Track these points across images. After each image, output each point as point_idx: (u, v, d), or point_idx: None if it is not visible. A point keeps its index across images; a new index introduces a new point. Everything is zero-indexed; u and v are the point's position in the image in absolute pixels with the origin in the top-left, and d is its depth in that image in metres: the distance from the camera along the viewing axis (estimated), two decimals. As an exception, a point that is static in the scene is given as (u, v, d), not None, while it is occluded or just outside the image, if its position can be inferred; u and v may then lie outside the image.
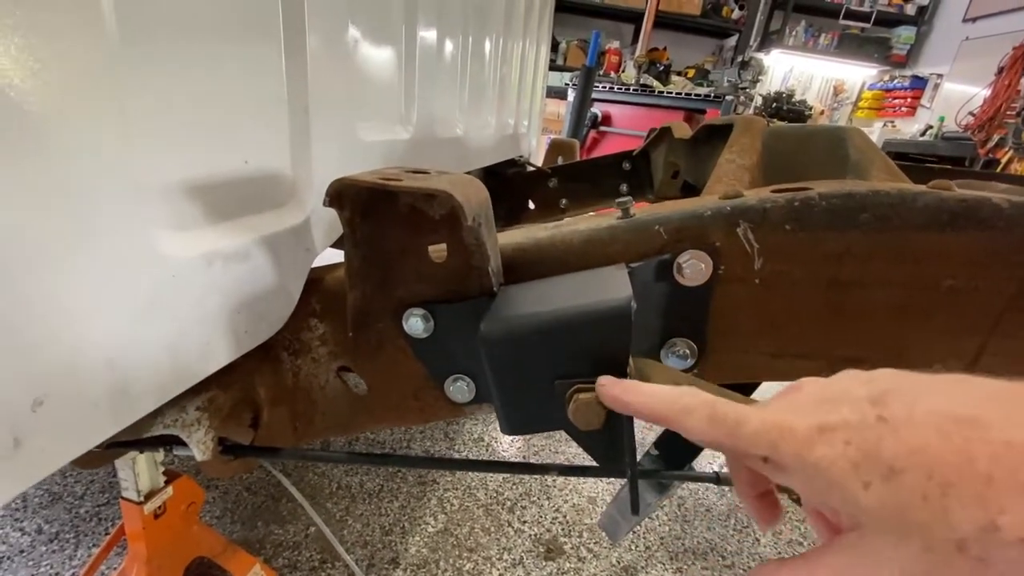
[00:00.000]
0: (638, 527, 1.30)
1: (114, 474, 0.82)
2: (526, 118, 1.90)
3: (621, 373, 0.38)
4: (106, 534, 1.11)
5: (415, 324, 0.51)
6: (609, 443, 0.39)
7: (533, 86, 1.97)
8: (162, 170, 0.36)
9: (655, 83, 4.04)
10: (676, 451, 0.67)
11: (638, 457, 0.40)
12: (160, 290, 0.36)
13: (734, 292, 0.50)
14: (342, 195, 0.41)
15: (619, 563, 1.19)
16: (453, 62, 0.95)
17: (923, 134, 4.77)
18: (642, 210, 0.53)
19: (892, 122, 5.66)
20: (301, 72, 0.49)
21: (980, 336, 0.49)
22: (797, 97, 5.69)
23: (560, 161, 1.98)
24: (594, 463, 0.42)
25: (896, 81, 5.56)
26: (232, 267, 0.43)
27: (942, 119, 4.62)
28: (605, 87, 4.00)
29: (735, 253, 0.49)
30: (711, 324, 0.52)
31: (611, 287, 0.41)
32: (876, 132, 5.31)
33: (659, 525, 1.32)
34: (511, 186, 1.78)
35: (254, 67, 0.44)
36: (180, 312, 0.38)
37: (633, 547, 1.25)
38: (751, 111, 3.75)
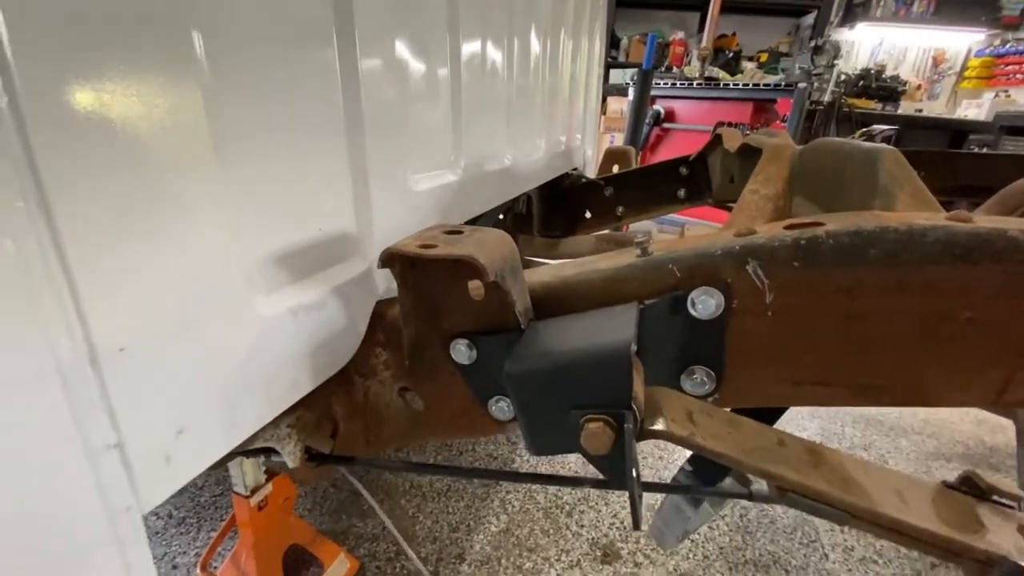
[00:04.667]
0: (697, 535, 1.32)
1: (226, 470, 0.99)
2: (579, 130, 1.94)
3: (625, 404, 0.44)
4: (221, 520, 1.31)
5: (460, 352, 0.59)
6: (616, 465, 0.45)
7: (586, 96, 2.00)
8: (258, 250, 0.46)
9: (721, 74, 3.89)
10: (709, 468, 0.71)
11: (674, 472, 0.45)
12: (259, 342, 0.47)
13: (748, 324, 0.54)
14: (391, 258, 0.50)
15: (676, 570, 1.22)
16: (499, 98, 1.03)
17: (1043, 104, 4.20)
18: (660, 245, 0.58)
19: (1006, 91, 5.03)
20: (360, 148, 0.59)
21: (1005, 368, 0.49)
22: (889, 72, 5.21)
23: (616, 169, 2.00)
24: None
25: (1009, 45, 4.93)
26: (311, 315, 0.53)
27: (1067, 86, 4.04)
28: (668, 83, 3.92)
29: (746, 289, 0.52)
30: (727, 353, 0.55)
31: (617, 329, 0.47)
32: (986, 104, 4.75)
33: (719, 535, 1.33)
34: (567, 196, 1.83)
35: (324, 155, 0.54)
36: (273, 357, 0.49)
37: (691, 555, 1.26)
38: (828, 96, 3.51)
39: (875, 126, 1.48)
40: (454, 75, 0.82)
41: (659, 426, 0.47)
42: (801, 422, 1.85)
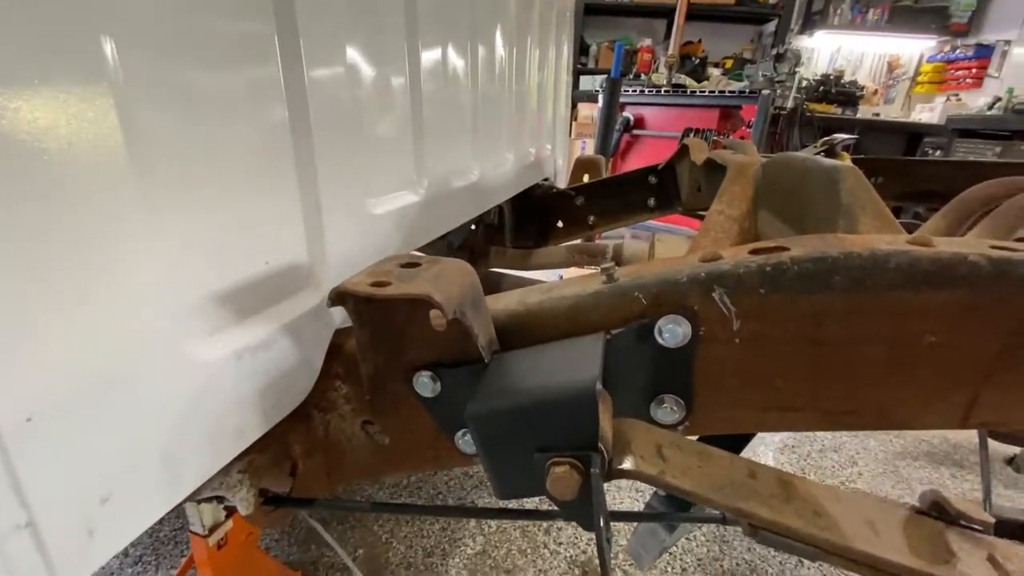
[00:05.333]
0: (675, 548, 1.31)
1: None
2: (549, 140, 1.93)
3: (592, 446, 0.42)
4: (181, 556, 1.24)
5: (424, 384, 0.57)
6: (585, 510, 0.43)
7: (555, 105, 1.99)
8: (193, 291, 0.43)
9: (688, 81, 3.96)
10: (682, 492, 0.69)
11: (648, 498, 0.43)
12: (199, 391, 0.43)
13: (716, 351, 0.52)
14: (342, 296, 0.47)
15: (654, 585, 1.21)
16: (463, 111, 1.01)
17: (991, 107, 4.40)
18: (625, 271, 0.57)
19: (956, 95, 5.26)
20: (310, 172, 0.55)
21: (969, 391, 0.49)
22: (847, 78, 5.40)
23: (586, 178, 2.00)
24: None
25: (959, 51, 5.16)
26: (259, 355, 0.50)
27: (1011, 91, 4.25)
28: (636, 90, 3.97)
29: (713, 316, 0.51)
30: (696, 381, 0.54)
31: (583, 366, 0.45)
32: (938, 108, 4.95)
33: (697, 546, 1.32)
34: (539, 207, 1.82)
35: (268, 181, 0.51)
36: (217, 404, 0.45)
37: (669, 568, 1.26)
38: (791, 102, 3.61)
39: (836, 135, 1.51)
40: (414, 89, 0.79)
41: (628, 465, 0.45)
42: (774, 426, 1.87)
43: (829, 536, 0.43)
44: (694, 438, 0.62)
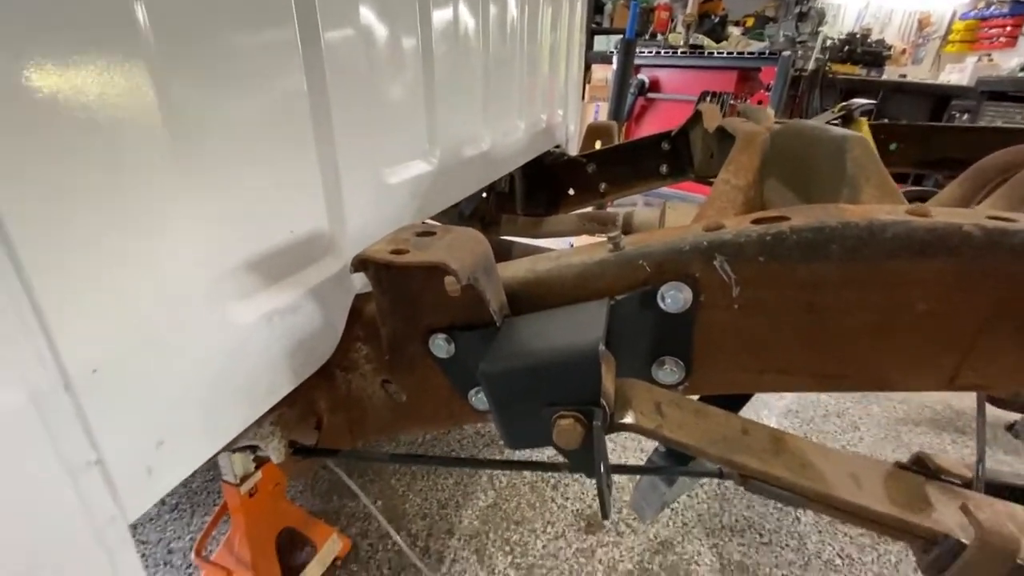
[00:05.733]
0: (677, 504, 1.37)
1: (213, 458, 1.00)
2: (561, 105, 1.91)
3: (594, 401, 0.46)
4: (214, 505, 1.33)
5: (439, 346, 0.60)
6: (587, 458, 0.47)
7: (568, 69, 1.95)
8: (228, 258, 0.46)
9: (706, 42, 3.83)
10: (682, 449, 0.73)
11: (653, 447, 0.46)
12: (235, 350, 0.47)
13: (715, 317, 0.55)
14: (363, 263, 0.50)
15: (656, 538, 1.28)
16: (475, 79, 1.01)
17: (1023, 69, 4.21)
18: (631, 239, 0.59)
19: (989, 55, 5.02)
20: (329, 143, 0.58)
21: (957, 355, 0.51)
22: (874, 37, 5.17)
23: (598, 145, 1.98)
24: None
25: (993, 7, 4.90)
26: (287, 318, 0.54)
27: (1048, 50, 4.04)
28: (652, 51, 3.85)
29: (713, 283, 0.54)
30: (696, 345, 0.57)
31: (587, 328, 0.48)
32: (969, 68, 4.74)
33: (698, 503, 1.39)
34: (550, 174, 1.82)
35: (291, 154, 0.53)
36: (251, 362, 0.49)
37: (671, 523, 1.32)
38: (812, 64, 3.48)
39: (854, 100, 1.48)
40: (426, 57, 0.80)
41: (628, 419, 0.49)
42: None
43: (814, 486, 0.47)
44: (694, 398, 0.66)
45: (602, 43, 5.11)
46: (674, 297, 0.54)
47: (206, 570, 1.07)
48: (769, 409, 1.81)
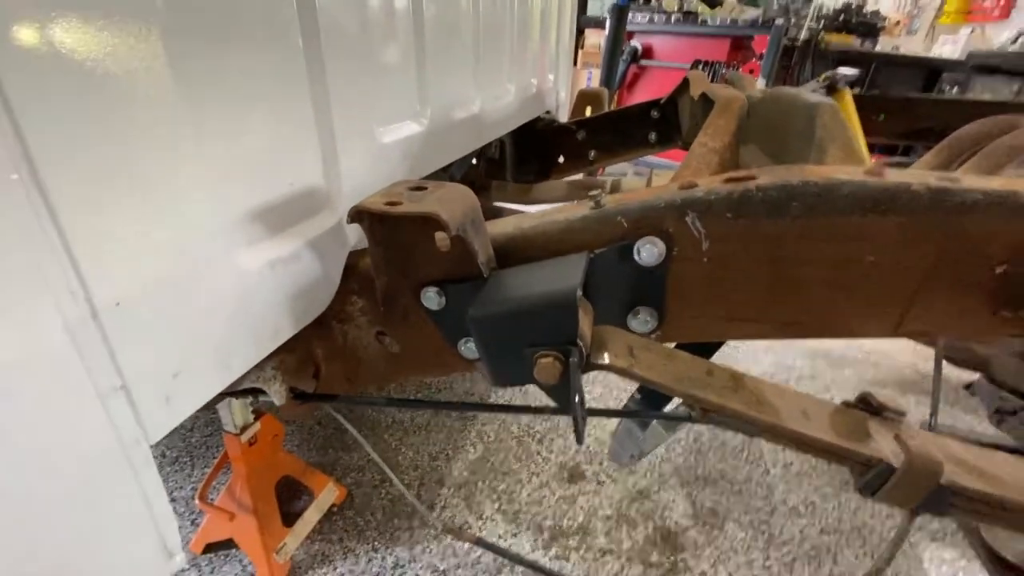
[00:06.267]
0: (654, 457, 1.46)
1: (213, 412, 1.05)
2: (552, 71, 1.91)
3: (572, 342, 0.51)
4: (212, 459, 1.39)
5: (430, 299, 0.64)
6: (564, 393, 0.52)
7: (559, 34, 1.94)
8: (235, 206, 0.50)
9: (701, 8, 3.78)
10: (655, 395, 0.79)
11: (625, 401, 0.51)
12: (242, 293, 0.51)
13: (686, 269, 0.60)
14: (360, 214, 0.54)
15: (634, 487, 1.36)
16: (465, 41, 1.02)
17: (1015, 41, 4.21)
18: (612, 198, 0.63)
19: (981, 27, 5.01)
20: (325, 104, 0.60)
21: (902, 304, 0.57)
22: (870, 7, 5.12)
23: (589, 112, 1.99)
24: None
25: (989, -22, 4.85)
26: (288, 266, 0.57)
27: (1038, 23, 4.04)
28: (645, 17, 3.80)
29: (685, 237, 0.58)
30: (668, 295, 0.62)
31: (566, 277, 0.52)
32: (962, 40, 4.74)
33: (675, 456, 1.47)
34: (540, 141, 1.83)
35: (290, 110, 0.56)
36: (256, 306, 0.53)
37: (649, 474, 1.41)
38: (804, 34, 3.46)
39: (838, 70, 1.50)
40: (416, 20, 0.81)
41: (603, 360, 0.54)
42: (757, 355, 1.99)
43: (766, 418, 0.53)
44: (670, 345, 0.71)
45: (596, 7, 5.01)
46: (648, 251, 0.59)
47: (210, 513, 1.14)
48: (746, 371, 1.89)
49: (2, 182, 0.32)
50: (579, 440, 0.50)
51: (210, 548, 1.18)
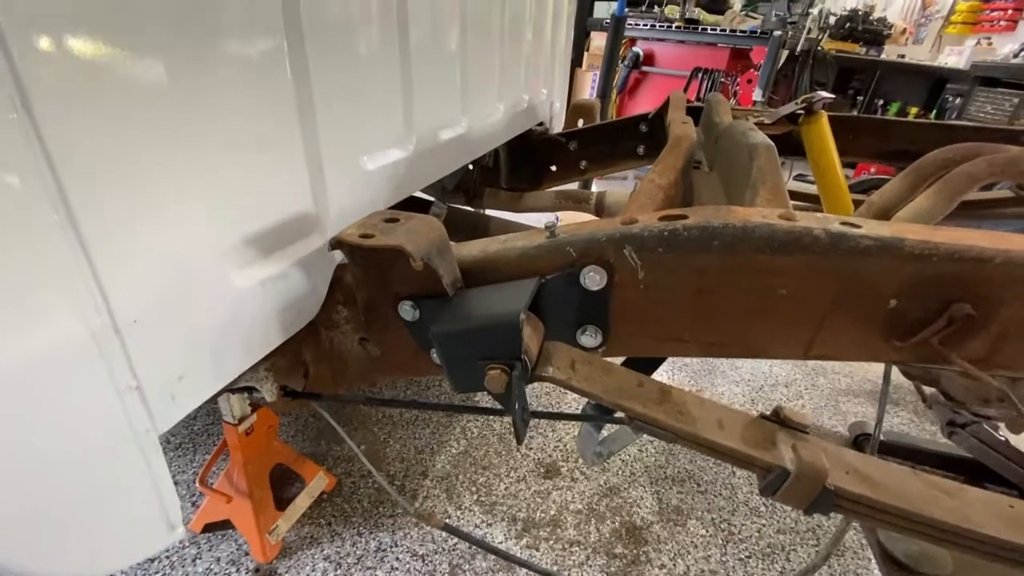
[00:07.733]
0: (627, 456, 1.54)
1: (214, 404, 1.14)
2: (546, 84, 1.98)
3: (516, 357, 0.59)
4: (213, 445, 1.49)
5: (406, 311, 0.73)
6: (510, 400, 0.61)
7: (554, 44, 1.99)
8: (232, 233, 0.59)
9: (703, 16, 3.83)
10: (608, 402, 0.88)
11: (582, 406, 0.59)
12: (236, 308, 0.60)
13: (626, 294, 0.68)
14: (339, 243, 0.62)
15: (606, 484, 1.45)
16: (452, 67, 1.10)
17: (1017, 55, 4.24)
18: (565, 228, 0.71)
19: (988, 39, 5.03)
20: (314, 139, 0.69)
21: (810, 331, 0.65)
22: (877, 14, 5.15)
23: (581, 123, 2.06)
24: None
25: (996, -10, 4.87)
26: (278, 284, 0.66)
27: (1041, 37, 4.06)
28: (647, 24, 3.85)
29: (624, 267, 0.67)
30: (611, 316, 0.70)
31: (515, 300, 0.61)
32: (967, 51, 4.76)
33: (647, 456, 1.56)
34: (534, 151, 1.91)
35: (282, 150, 0.65)
36: (248, 319, 0.62)
37: (620, 472, 1.50)
38: (802, 44, 3.51)
39: (816, 93, 1.56)
40: (403, 48, 0.89)
41: (546, 372, 0.62)
42: (735, 362, 2.07)
43: (684, 427, 0.61)
44: (619, 360, 0.80)
45: (603, 10, 5.06)
46: (592, 278, 0.67)
47: (209, 496, 1.24)
48: (724, 378, 1.97)
49: (47, 223, 0.41)
50: (519, 440, 0.59)
51: (209, 528, 1.29)
